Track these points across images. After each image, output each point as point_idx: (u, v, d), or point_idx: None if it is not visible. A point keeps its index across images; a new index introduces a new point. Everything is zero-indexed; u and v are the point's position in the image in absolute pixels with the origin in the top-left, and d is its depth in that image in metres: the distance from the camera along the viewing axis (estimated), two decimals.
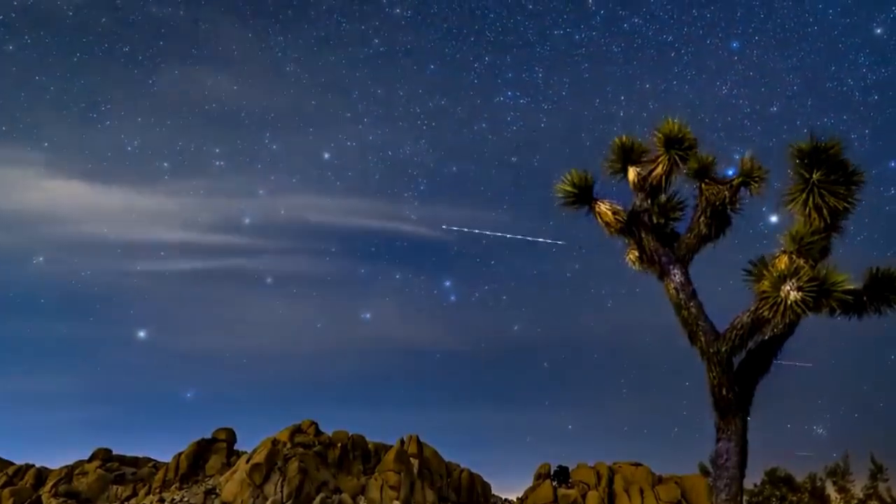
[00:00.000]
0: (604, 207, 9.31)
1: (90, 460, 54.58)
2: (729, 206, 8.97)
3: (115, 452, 56.49)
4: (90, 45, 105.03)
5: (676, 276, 8.74)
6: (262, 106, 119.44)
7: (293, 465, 47.05)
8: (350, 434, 54.91)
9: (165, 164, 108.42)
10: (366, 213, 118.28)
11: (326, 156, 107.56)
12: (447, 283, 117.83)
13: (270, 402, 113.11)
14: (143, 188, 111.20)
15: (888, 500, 19.43)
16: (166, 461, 53.87)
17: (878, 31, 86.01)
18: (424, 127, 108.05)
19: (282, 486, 45.77)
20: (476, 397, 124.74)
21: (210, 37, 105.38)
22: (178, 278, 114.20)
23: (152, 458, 58.22)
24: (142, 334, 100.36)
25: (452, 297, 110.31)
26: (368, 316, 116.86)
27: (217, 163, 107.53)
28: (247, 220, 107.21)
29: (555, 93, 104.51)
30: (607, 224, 9.33)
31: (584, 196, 9.40)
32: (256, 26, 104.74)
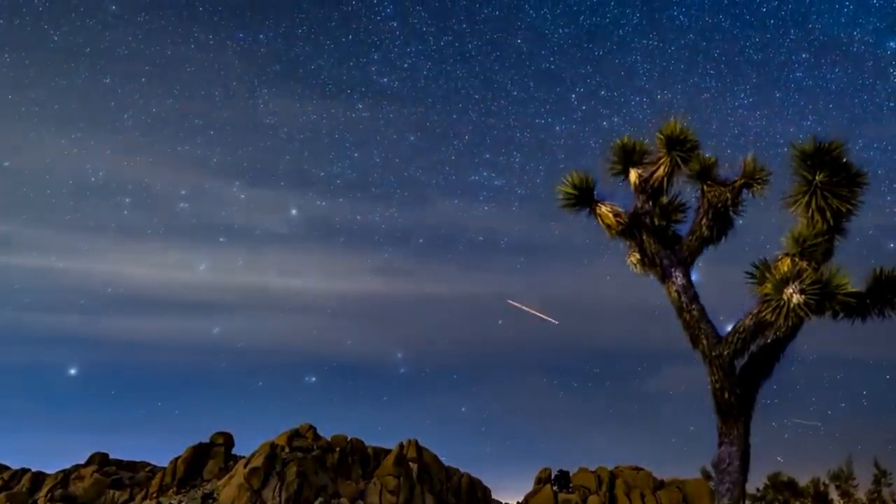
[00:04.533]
0: (605, 209, 9.25)
1: (87, 464, 54.30)
2: (731, 208, 8.92)
3: (112, 457, 56.27)
4: (70, 71, 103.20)
5: (678, 278, 8.67)
6: (236, 154, 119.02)
7: (291, 470, 46.85)
8: (349, 438, 54.74)
9: (127, 200, 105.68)
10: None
11: (294, 212, 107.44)
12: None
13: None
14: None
15: None
16: (164, 465, 53.66)
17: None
18: (396, 195, 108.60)
19: (280, 491, 45.55)
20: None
21: (193, 78, 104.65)
22: None
23: (150, 462, 58.01)
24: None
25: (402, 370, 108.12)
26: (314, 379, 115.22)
27: (181, 205, 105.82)
28: (202, 266, 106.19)
29: (529, 178, 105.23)
30: (608, 226, 9.26)
31: (584, 198, 9.34)
32: (242, 75, 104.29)
